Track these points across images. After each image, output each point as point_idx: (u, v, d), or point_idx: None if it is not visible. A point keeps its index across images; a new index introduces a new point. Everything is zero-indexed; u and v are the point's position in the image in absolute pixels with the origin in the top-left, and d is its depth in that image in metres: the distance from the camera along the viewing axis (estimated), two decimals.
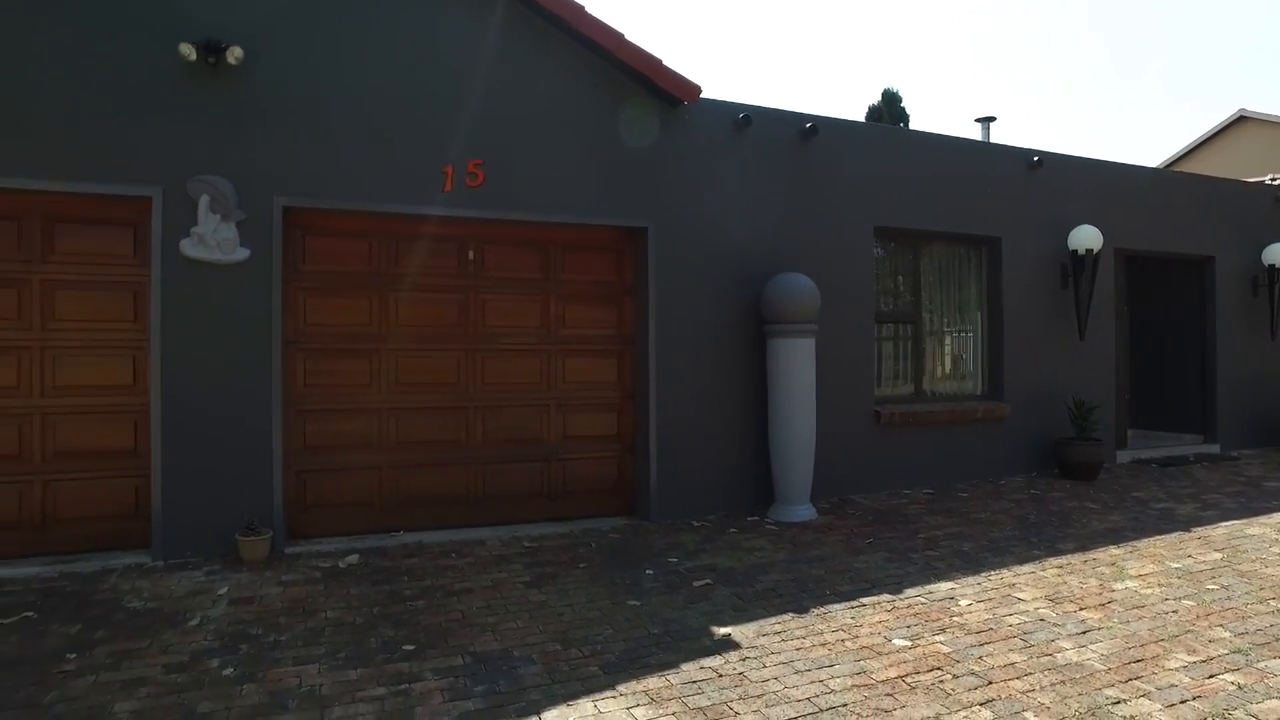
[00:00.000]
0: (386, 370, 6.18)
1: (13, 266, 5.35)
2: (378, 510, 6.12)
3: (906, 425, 7.72)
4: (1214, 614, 4.48)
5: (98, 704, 3.40)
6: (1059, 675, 3.68)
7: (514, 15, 6.23)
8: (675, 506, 6.64)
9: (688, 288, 6.78)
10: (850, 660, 3.84)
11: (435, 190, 5.99)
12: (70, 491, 5.48)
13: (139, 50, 5.34)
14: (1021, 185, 8.47)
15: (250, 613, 4.49)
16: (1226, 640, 4.08)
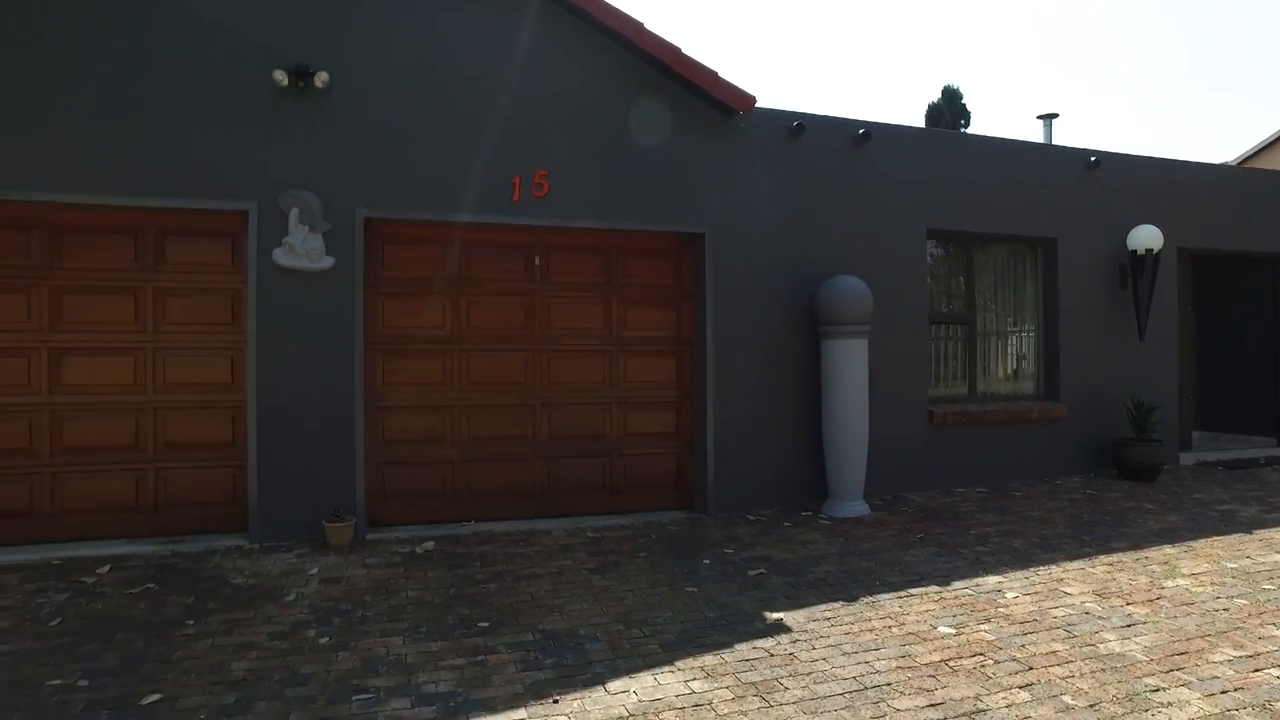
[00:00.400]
0: (458, 369, 6.59)
1: (131, 276, 5.91)
2: (450, 501, 6.53)
3: (960, 425, 7.83)
4: (1267, 613, 4.55)
5: (217, 662, 3.85)
6: (1100, 664, 3.84)
7: (578, 33, 6.57)
8: (731, 501, 6.90)
9: (744, 290, 7.03)
10: (896, 645, 4.06)
11: (504, 200, 6.37)
12: (178, 479, 6.02)
13: (238, 79, 5.84)
14: (1078, 185, 8.47)
15: (339, 591, 4.92)
16: (1277, 638, 4.16)
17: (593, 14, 6.43)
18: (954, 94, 35.84)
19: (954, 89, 35.55)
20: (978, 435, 7.92)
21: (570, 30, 6.56)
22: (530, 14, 6.45)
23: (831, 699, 3.47)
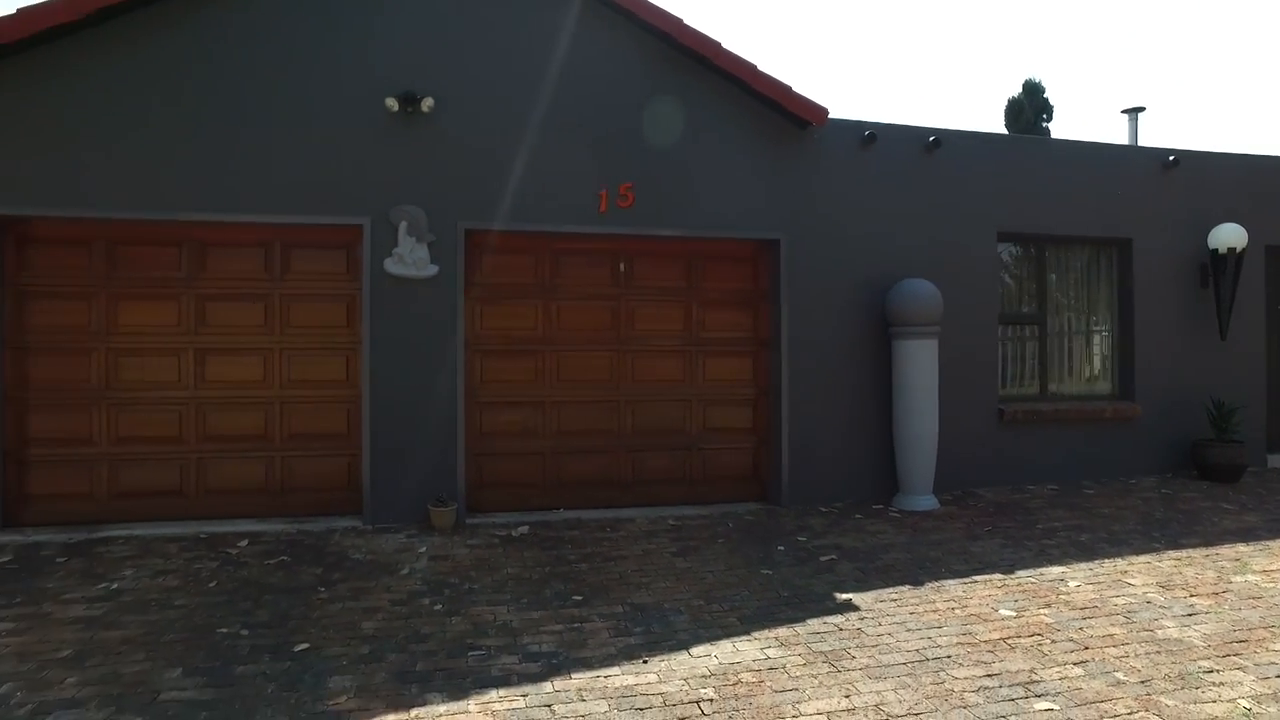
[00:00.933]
0: (549, 368, 7.13)
1: (262, 285, 6.64)
2: (541, 490, 7.07)
3: (1031, 423, 7.96)
4: None
5: (349, 621, 4.43)
6: (1156, 647, 4.08)
7: (660, 54, 7.02)
8: (805, 494, 7.24)
9: (817, 293, 7.36)
10: (957, 624, 4.37)
11: (592, 211, 6.87)
12: (300, 466, 6.72)
13: (353, 106, 6.49)
14: (1155, 185, 8.48)
15: (446, 566, 5.49)
16: None
17: (674, 35, 6.86)
18: (1036, 88, 35.00)
19: (1035, 83, 34.76)
20: (1049, 434, 8.04)
21: (652, 51, 7.01)
22: (619, 42, 6.93)
23: (894, 667, 3.82)
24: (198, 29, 6.32)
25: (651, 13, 6.80)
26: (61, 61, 6.13)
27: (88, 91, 6.17)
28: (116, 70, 6.21)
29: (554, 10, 6.85)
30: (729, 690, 3.59)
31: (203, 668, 3.86)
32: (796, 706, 3.43)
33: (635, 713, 3.39)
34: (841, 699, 3.50)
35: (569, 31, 6.84)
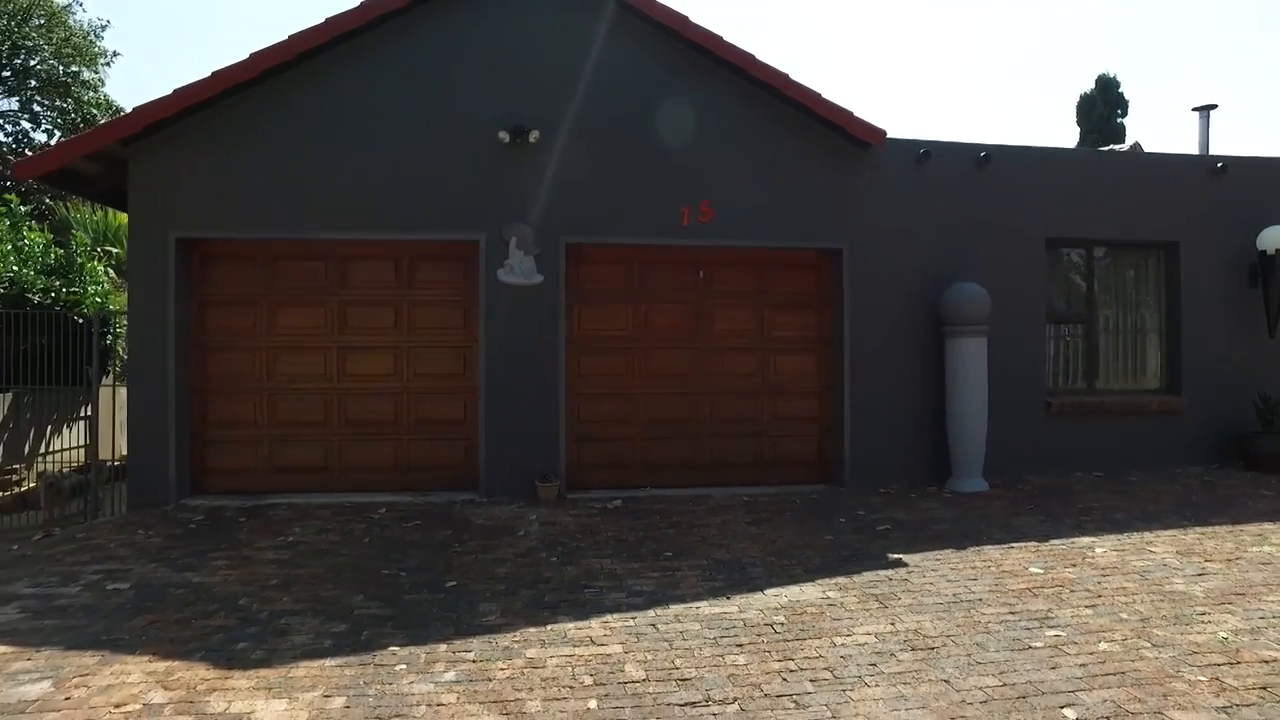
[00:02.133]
0: (637, 364, 8.12)
1: (394, 292, 7.82)
2: (631, 471, 8.06)
3: (1078, 415, 8.60)
4: None
5: (483, 568, 5.49)
6: (1160, 597, 4.82)
7: (736, 87, 7.93)
8: (865, 477, 8.05)
9: (877, 296, 8.16)
10: (991, 577, 5.18)
11: (675, 225, 7.83)
12: (424, 448, 7.87)
13: (471, 139, 7.60)
14: (1202, 190, 8.98)
15: (555, 530, 6.51)
16: None
17: (748, 70, 7.77)
18: (1109, 83, 34.64)
19: (1109, 78, 34.42)
20: (1096, 425, 8.66)
21: (730, 84, 7.93)
22: (701, 81, 7.88)
23: (933, 606, 4.67)
24: (337, 83, 7.51)
25: (728, 50, 7.72)
26: (230, 112, 7.39)
27: (251, 137, 7.43)
28: (274, 118, 7.46)
29: (644, 59, 7.84)
30: (795, 618, 4.50)
31: (378, 595, 4.95)
32: (851, 630, 4.32)
33: (722, 630, 4.33)
34: (887, 625, 4.38)
35: (656, 77, 7.82)
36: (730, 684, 3.68)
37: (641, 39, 7.85)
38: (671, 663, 3.92)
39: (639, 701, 3.52)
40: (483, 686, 3.68)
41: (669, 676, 3.77)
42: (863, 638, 4.22)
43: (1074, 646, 4.06)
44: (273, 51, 7.25)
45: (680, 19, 7.69)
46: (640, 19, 7.78)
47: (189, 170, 7.38)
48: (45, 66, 20.15)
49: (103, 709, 3.47)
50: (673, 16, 7.69)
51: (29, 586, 5.17)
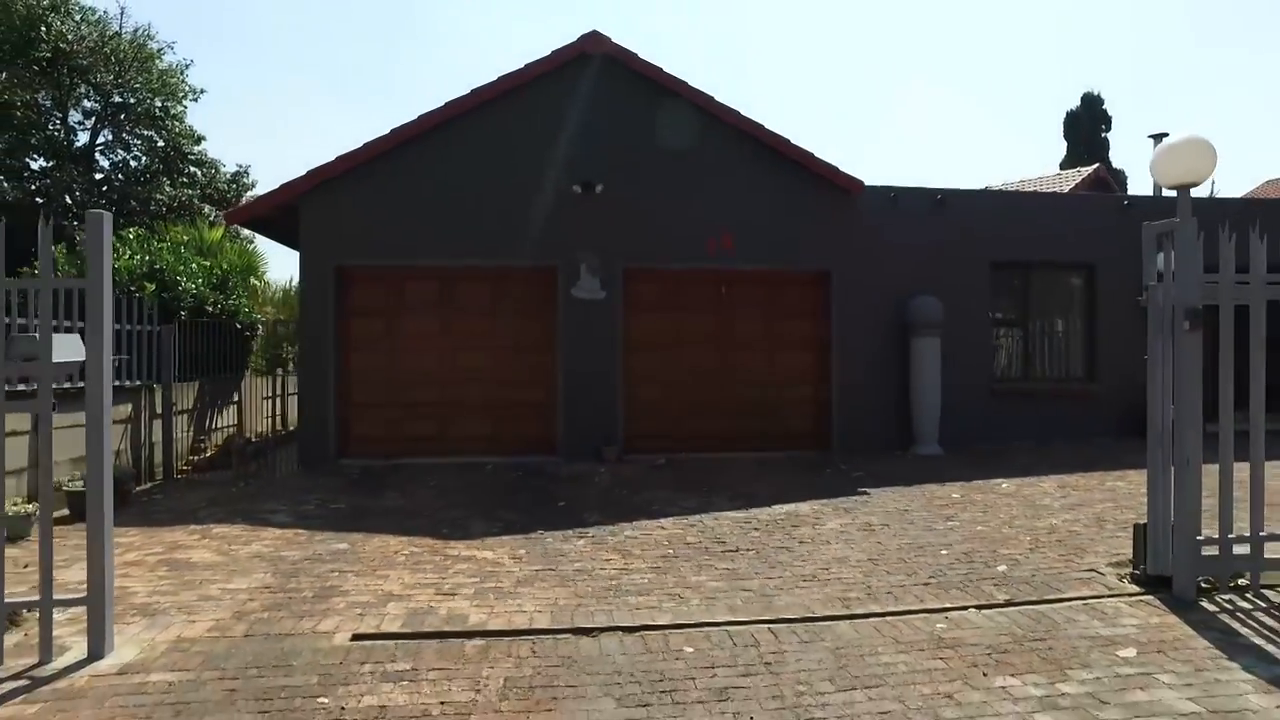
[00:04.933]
0: (675, 359, 10.67)
1: (490, 305, 10.39)
2: (672, 440, 10.58)
3: (1015, 397, 11.11)
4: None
5: (578, 497, 8.05)
6: (1030, 507, 7.32)
7: (749, 149, 10.48)
8: (848, 445, 10.57)
9: (858, 307, 10.68)
10: (924, 499, 7.70)
11: (703, 253, 10.38)
12: (514, 422, 10.42)
13: (551, 189, 10.17)
14: (1114, 223, 11.43)
15: (620, 477, 9.06)
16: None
17: (757, 137, 10.32)
18: (1094, 100, 37.04)
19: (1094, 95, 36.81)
20: (1029, 405, 11.16)
21: (744, 145, 10.48)
22: (724, 143, 10.44)
23: (880, 512, 7.20)
24: (449, 149, 10.11)
25: (742, 121, 10.27)
26: (372, 172, 9.99)
27: (387, 189, 10.02)
28: (403, 176, 10.06)
29: (678, 127, 10.39)
30: (791, 517, 7.03)
31: (514, 510, 7.51)
32: (825, 522, 6.85)
33: (744, 522, 6.87)
34: (849, 520, 6.91)
35: (687, 140, 10.37)
36: (750, 544, 6.22)
37: (674, 112, 10.40)
38: (713, 536, 6.47)
39: (695, 551, 6.06)
40: (602, 546, 6.23)
41: (713, 541, 6.31)
42: (832, 525, 6.75)
43: (961, 528, 6.59)
44: (405, 129, 9.86)
45: (706, 98, 10.26)
46: (674, 98, 10.33)
47: (342, 214, 9.98)
48: (138, 102, 22.84)
49: (387, 552, 6.03)
50: (698, 95, 10.25)
51: (278, 506, 7.76)
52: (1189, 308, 4.88)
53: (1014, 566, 5.53)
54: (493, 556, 5.95)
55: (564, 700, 3.55)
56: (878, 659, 3.96)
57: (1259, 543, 4.91)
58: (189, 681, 3.76)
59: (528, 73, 10.11)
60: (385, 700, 3.56)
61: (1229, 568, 4.91)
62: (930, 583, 5.18)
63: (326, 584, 5.26)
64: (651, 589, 5.13)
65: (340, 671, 3.87)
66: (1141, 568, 5.12)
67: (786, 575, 5.39)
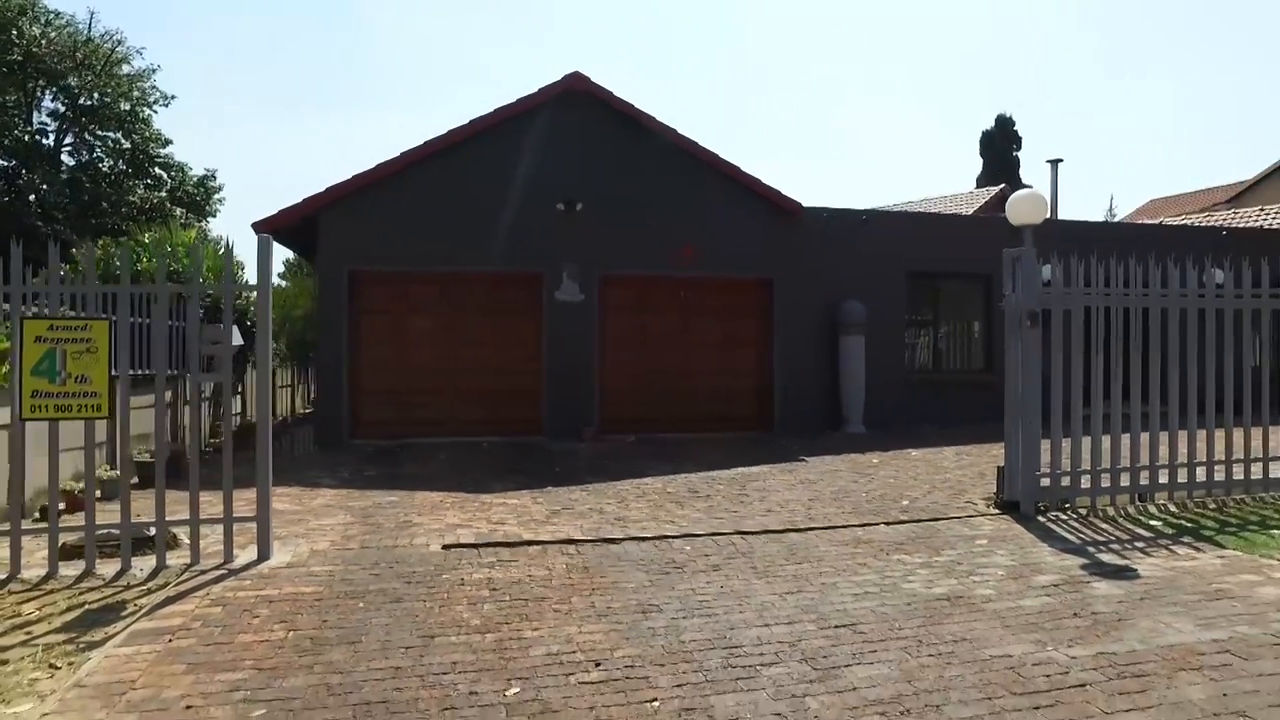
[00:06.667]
0: (643, 354, 12.44)
1: (487, 306, 12.00)
2: (642, 422, 12.33)
3: (928, 386, 13.22)
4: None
5: (569, 466, 9.76)
6: (933, 468, 9.31)
7: (707, 174, 12.32)
8: (788, 426, 12.51)
9: (796, 309, 12.63)
10: (850, 463, 9.66)
11: (667, 262, 12.18)
12: (507, 406, 12.05)
13: (538, 206, 11.82)
14: (1005, 241, 13.62)
15: (601, 451, 10.78)
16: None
17: (712, 164, 12.18)
18: (1007, 121, 40.19)
19: (1007, 117, 39.93)
20: (940, 393, 13.29)
21: (702, 171, 12.32)
22: (684, 169, 12.26)
23: (815, 472, 9.11)
24: (450, 171, 11.68)
25: (700, 151, 12.12)
26: (382, 188, 11.50)
27: (395, 203, 11.55)
28: (409, 193, 11.59)
29: (647, 155, 12.17)
30: (748, 476, 8.87)
31: (521, 474, 9.17)
32: (773, 478, 8.71)
33: (710, 481, 8.67)
34: (791, 477, 8.80)
35: (656, 166, 12.17)
36: (717, 492, 8.03)
37: (643, 141, 12.18)
38: (688, 488, 8.26)
39: (676, 497, 7.84)
40: (602, 495, 7.95)
41: (687, 491, 8.10)
42: (779, 480, 8.62)
43: (878, 481, 8.54)
44: (411, 153, 11.42)
45: (671, 131, 12.07)
46: (643, 130, 12.12)
47: (356, 225, 11.46)
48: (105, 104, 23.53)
49: (432, 501, 7.64)
50: (665, 129, 12.06)
51: (320, 475, 9.24)
52: (1029, 311, 6.86)
53: (914, 502, 7.47)
54: (518, 502, 7.62)
55: (609, 573, 5.28)
56: (817, 549, 5.80)
57: (1075, 476, 6.94)
58: (341, 570, 5.36)
59: (519, 106, 11.76)
60: (488, 575, 5.23)
61: (1056, 494, 6.93)
62: (853, 512, 7.07)
63: (400, 520, 6.86)
64: (648, 519, 6.89)
65: (447, 563, 5.52)
66: (1000, 496, 7.11)
67: (748, 509, 7.22)
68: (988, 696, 3.35)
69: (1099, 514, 6.82)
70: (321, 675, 3.70)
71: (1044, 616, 4.30)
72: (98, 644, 4.15)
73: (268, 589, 4.98)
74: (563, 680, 3.61)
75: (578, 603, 4.67)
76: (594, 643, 4.04)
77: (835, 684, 3.51)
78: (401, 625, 4.32)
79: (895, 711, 3.23)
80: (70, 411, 5.36)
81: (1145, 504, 7.07)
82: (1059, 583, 4.92)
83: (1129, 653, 3.78)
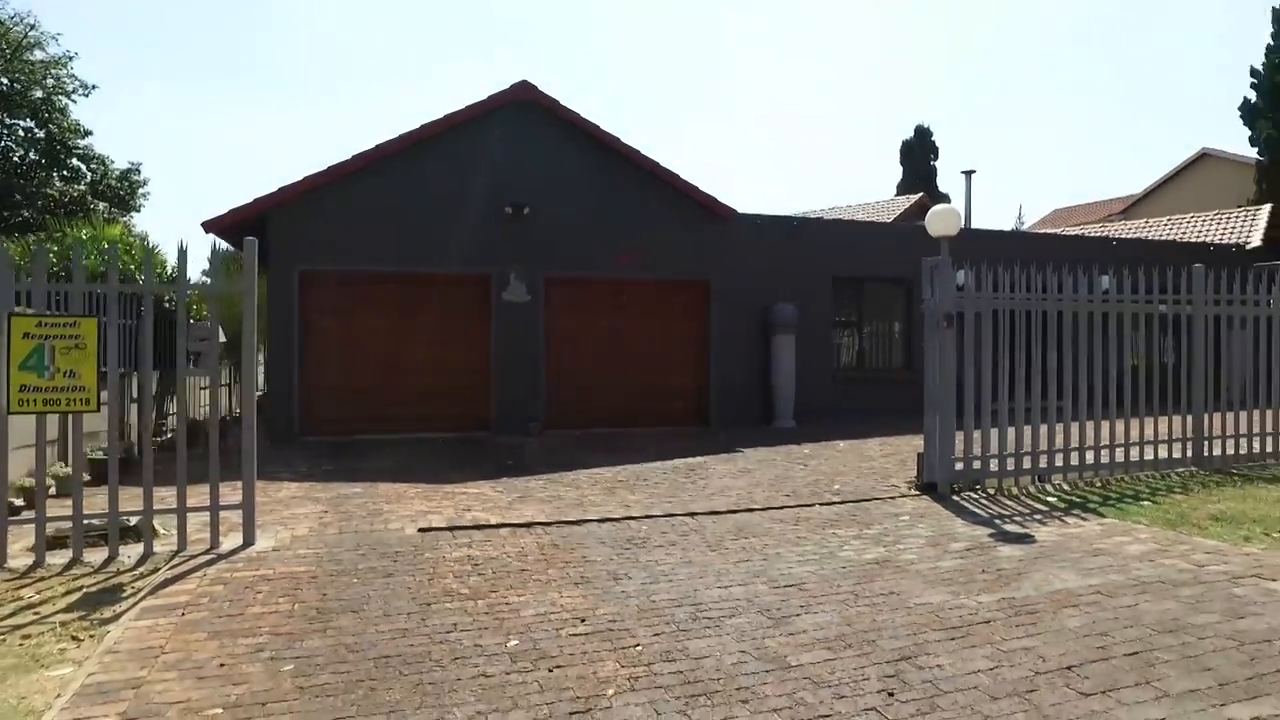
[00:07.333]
0: (587, 353, 12.98)
1: (437, 304, 12.34)
2: (585, 416, 12.87)
3: (853, 382, 14.16)
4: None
5: (519, 459, 10.25)
6: (858, 456, 10.14)
7: (646, 181, 12.93)
8: (723, 421, 13.24)
9: (731, 311, 13.36)
10: (784, 453, 10.41)
11: (609, 265, 12.75)
12: (455, 404, 12.42)
13: (488, 211, 12.23)
14: (921, 248, 14.68)
15: (548, 446, 11.28)
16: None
17: (652, 172, 12.80)
18: (925, 131, 42.14)
19: (925, 127, 41.85)
20: (864, 388, 14.24)
21: (641, 179, 12.93)
22: (627, 176, 12.84)
23: (753, 461, 9.82)
24: (398, 175, 12.00)
25: (641, 159, 12.74)
26: (332, 191, 11.73)
27: (345, 206, 11.80)
28: (358, 195, 11.85)
29: (589, 162, 12.72)
30: (691, 465, 9.52)
31: (477, 467, 9.60)
32: (715, 467, 9.38)
33: (656, 469, 9.29)
34: (731, 466, 9.49)
35: (598, 173, 12.73)
36: (665, 479, 8.64)
37: (587, 150, 12.72)
38: (637, 476, 8.85)
39: (627, 484, 8.42)
40: (558, 483, 8.46)
41: (637, 479, 8.69)
42: (720, 469, 9.29)
43: (810, 469, 9.30)
44: (363, 155, 11.68)
45: (614, 139, 12.65)
46: (589, 139, 12.66)
47: (307, 226, 11.66)
48: (15, 91, 22.66)
49: (397, 491, 8.02)
50: (608, 137, 12.64)
51: (277, 469, 9.47)
52: (946, 313, 7.68)
53: (844, 485, 8.24)
54: (479, 491, 8.08)
55: (578, 549, 5.82)
56: (761, 526, 6.47)
57: (985, 461, 7.81)
58: (326, 552, 5.76)
59: (468, 113, 12.15)
60: (467, 554, 5.71)
61: (968, 476, 7.78)
62: (791, 495, 7.79)
63: (370, 508, 7.24)
64: (605, 503, 7.45)
65: (425, 544, 5.96)
66: (920, 479, 7.93)
67: (695, 494, 7.85)
68: (913, 633, 4.04)
69: (1005, 493, 7.71)
70: (335, 638, 4.14)
71: (958, 574, 5.05)
72: (111, 620, 4.47)
73: (263, 569, 5.34)
74: (554, 633, 4.14)
75: (554, 574, 5.20)
76: (576, 605, 4.58)
77: (788, 629, 4.15)
78: (398, 596, 4.77)
79: (839, 646, 3.89)
80: (59, 405, 5.61)
81: (1043, 484, 8.00)
82: (970, 548, 5.71)
83: (1025, 598, 4.54)
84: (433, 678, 3.62)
